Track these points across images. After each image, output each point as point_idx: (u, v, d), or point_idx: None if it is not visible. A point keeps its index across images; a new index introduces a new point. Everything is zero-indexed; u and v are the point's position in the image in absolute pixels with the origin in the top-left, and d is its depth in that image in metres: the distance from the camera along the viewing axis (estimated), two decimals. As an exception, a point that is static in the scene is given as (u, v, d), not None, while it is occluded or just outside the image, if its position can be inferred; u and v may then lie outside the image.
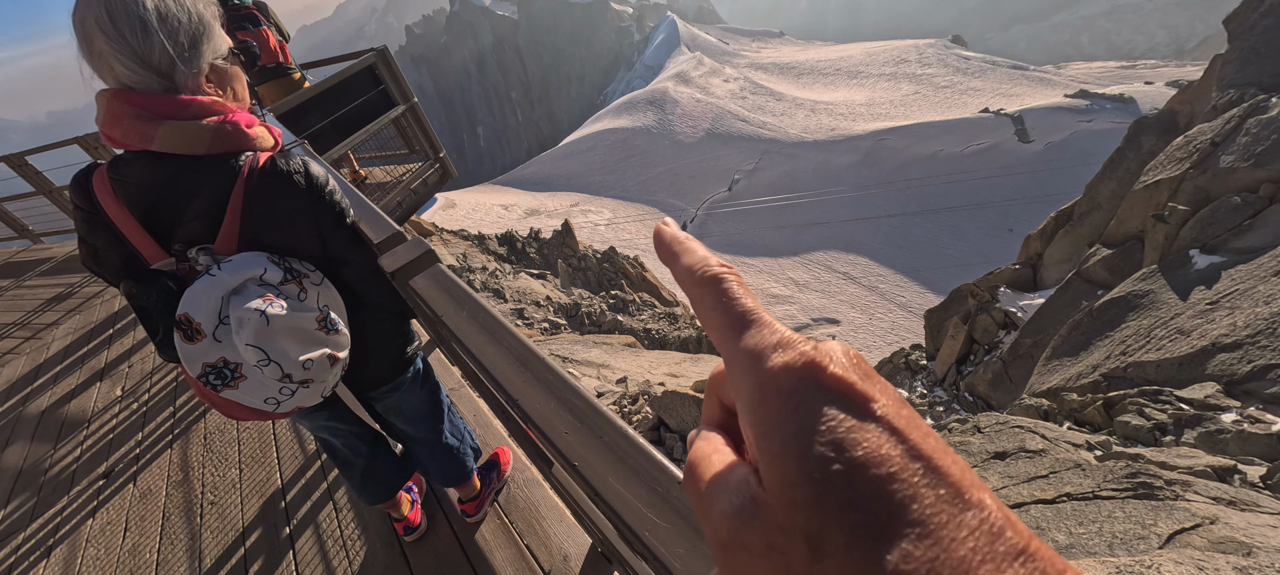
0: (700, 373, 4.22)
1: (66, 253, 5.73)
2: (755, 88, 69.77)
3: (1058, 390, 6.60)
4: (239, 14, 4.26)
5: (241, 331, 0.88)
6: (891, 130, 52.71)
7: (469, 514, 1.72)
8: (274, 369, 0.92)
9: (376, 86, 3.95)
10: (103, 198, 0.89)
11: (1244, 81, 6.24)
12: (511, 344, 0.79)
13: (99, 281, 4.74)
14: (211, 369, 0.89)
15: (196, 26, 0.87)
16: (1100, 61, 77.72)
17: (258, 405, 0.96)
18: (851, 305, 33.73)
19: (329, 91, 3.56)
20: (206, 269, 0.90)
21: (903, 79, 69.22)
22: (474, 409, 2.14)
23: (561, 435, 0.61)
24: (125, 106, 0.83)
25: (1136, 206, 6.94)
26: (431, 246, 1.09)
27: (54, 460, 2.65)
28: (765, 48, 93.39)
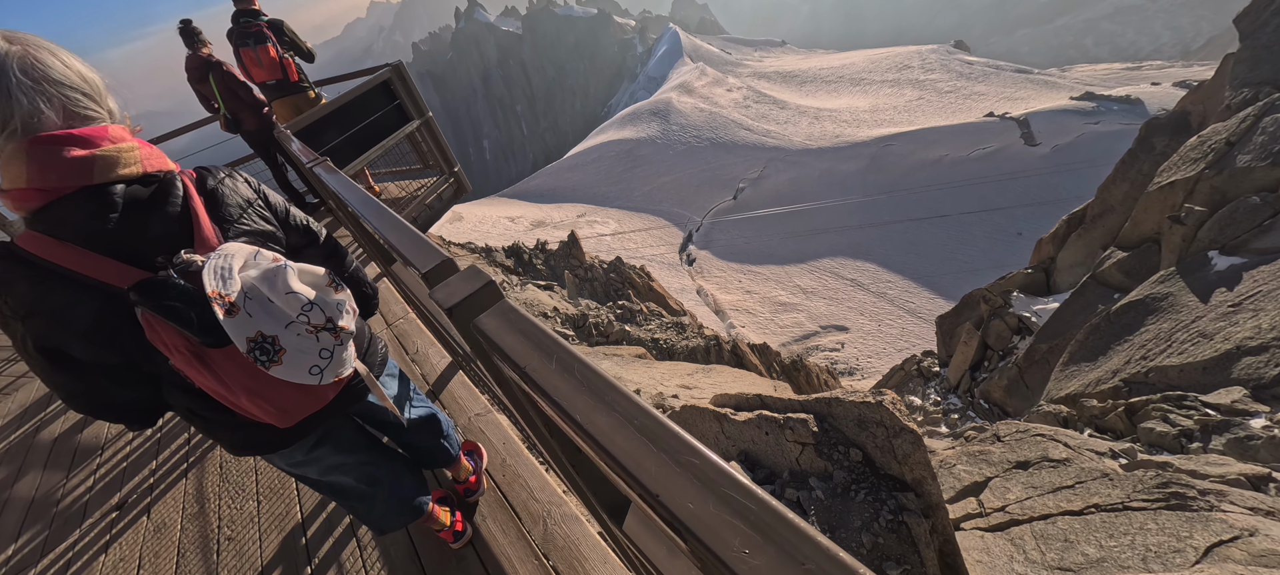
0: (713, 384, 4.18)
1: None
2: (758, 96, 70.04)
3: (1077, 396, 6.47)
4: (248, 31, 4.30)
5: (275, 283, 0.92)
6: (896, 136, 52.62)
7: (473, 490, 1.74)
8: (316, 313, 0.95)
9: (391, 102, 3.97)
10: (46, 251, 0.84)
11: (1257, 80, 6.16)
12: (629, 410, 0.62)
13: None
14: (254, 343, 0.90)
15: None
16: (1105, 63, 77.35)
17: (303, 378, 0.96)
18: (860, 312, 33.47)
19: (344, 107, 3.58)
20: (201, 264, 0.90)
21: (906, 85, 69.21)
22: (501, 435, 2.08)
23: (700, 522, 0.48)
24: (54, 149, 0.82)
25: (1151, 208, 6.84)
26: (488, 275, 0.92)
27: (67, 491, 2.63)
28: (767, 57, 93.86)
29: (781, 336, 31.11)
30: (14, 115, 0.79)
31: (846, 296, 34.77)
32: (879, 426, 2.64)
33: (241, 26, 4.37)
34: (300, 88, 4.59)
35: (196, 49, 4.30)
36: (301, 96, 4.63)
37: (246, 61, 4.38)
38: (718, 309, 34.46)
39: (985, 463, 4.05)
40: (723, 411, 3.02)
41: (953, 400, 9.80)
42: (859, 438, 2.74)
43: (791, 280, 36.96)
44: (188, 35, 4.32)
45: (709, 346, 14.55)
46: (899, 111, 62.02)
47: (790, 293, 35.62)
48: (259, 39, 4.32)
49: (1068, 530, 2.91)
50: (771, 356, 15.57)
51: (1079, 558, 2.66)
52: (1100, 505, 2.88)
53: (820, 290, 35.88)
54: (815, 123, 61.21)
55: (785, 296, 35.14)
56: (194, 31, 4.35)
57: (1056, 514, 3.08)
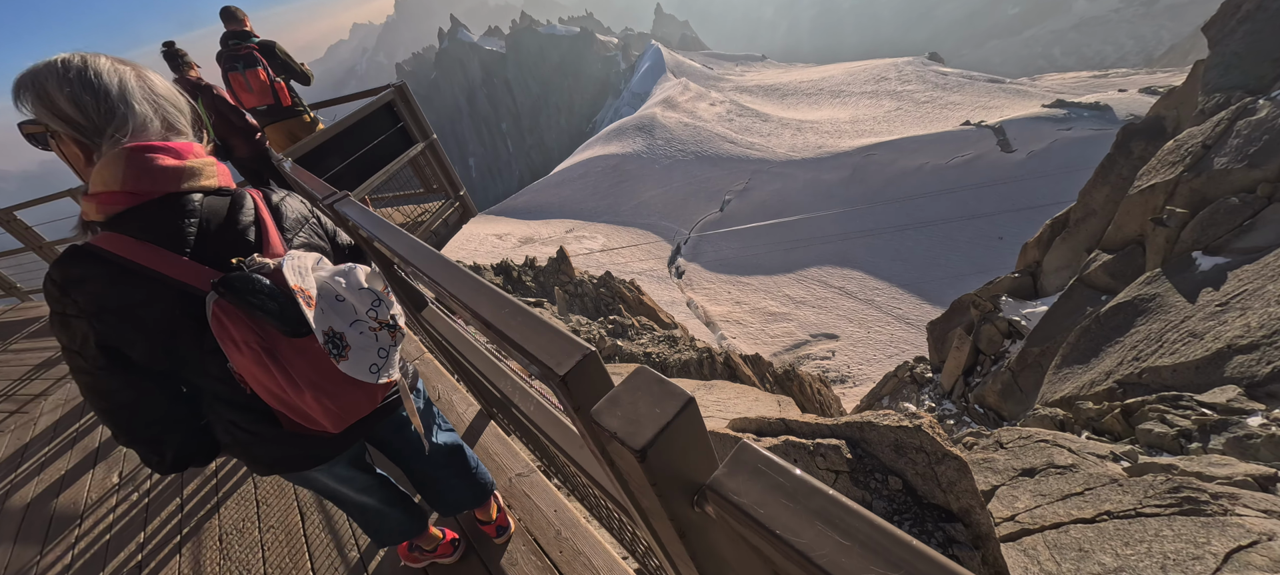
0: (717, 402, 4.09)
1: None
2: (741, 110, 71.07)
3: (1072, 399, 6.52)
4: (236, 54, 4.09)
5: (350, 279, 1.02)
6: (877, 145, 53.65)
7: (504, 528, 1.67)
8: (383, 309, 1.05)
9: (395, 124, 3.83)
10: (128, 251, 0.90)
11: (1228, 85, 6.36)
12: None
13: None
14: (328, 337, 0.98)
15: None
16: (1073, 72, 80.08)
17: (364, 375, 1.03)
18: (849, 319, 33.73)
19: (346, 132, 3.43)
20: (276, 265, 0.98)
21: (884, 96, 70.81)
22: (550, 501, 1.84)
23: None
24: (151, 156, 0.90)
25: (1133, 211, 6.99)
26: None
27: (42, 567, 2.31)
28: (748, 71, 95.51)
29: (773, 346, 31.19)
30: (128, 121, 0.89)
31: (835, 304, 35.06)
32: (919, 452, 2.57)
33: (230, 49, 4.14)
34: (295, 112, 4.39)
35: (183, 72, 4.10)
36: (296, 121, 4.42)
37: (235, 86, 4.16)
38: (708, 321, 34.48)
39: (990, 471, 4.02)
40: (743, 437, 2.92)
41: (948, 406, 9.83)
42: (897, 464, 2.64)
43: (780, 290, 37.18)
44: (172, 59, 4.11)
45: (702, 359, 14.50)
46: (878, 122, 63.32)
47: (780, 302, 35.81)
48: (249, 62, 4.10)
49: (1081, 539, 2.87)
50: (764, 367, 15.56)
51: (1095, 567, 2.62)
52: (1112, 512, 2.85)
53: (809, 299, 36.13)
54: (798, 134, 62.19)
55: (775, 306, 35.32)
56: (178, 54, 4.13)
57: (1068, 522, 3.05)
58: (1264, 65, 6.04)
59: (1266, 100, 5.73)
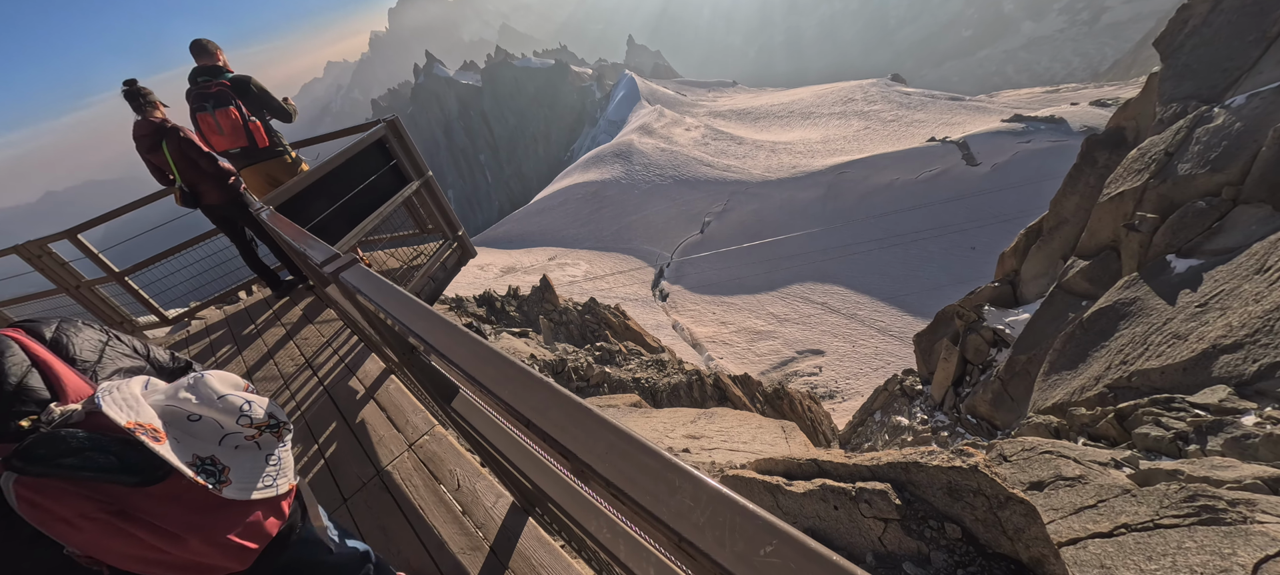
0: (721, 431, 3.97)
1: None
2: (716, 134, 72.60)
3: (1064, 405, 6.57)
4: (206, 93, 3.68)
5: (199, 393, 0.85)
6: (849, 164, 55.20)
7: None
8: (256, 408, 0.89)
9: (387, 162, 3.60)
10: None
11: (1183, 95, 6.68)
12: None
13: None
14: (198, 466, 0.81)
15: None
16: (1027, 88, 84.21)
17: (259, 493, 0.86)
18: (833, 334, 34.05)
19: (332, 173, 3.12)
20: (87, 407, 0.77)
21: (852, 116, 73.29)
22: None
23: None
24: None
25: (1105, 218, 7.20)
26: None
27: None
28: (721, 96, 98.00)
29: (760, 365, 31.22)
30: None
31: (819, 320, 35.40)
32: (977, 496, 2.41)
33: (199, 87, 3.73)
34: (275, 153, 4.02)
35: (146, 113, 3.70)
36: (276, 163, 4.04)
37: (204, 128, 3.76)
38: (695, 342, 34.41)
39: (999, 486, 3.96)
40: (773, 481, 2.74)
41: (940, 417, 9.85)
42: (953, 510, 2.41)
43: (764, 308, 37.44)
44: (134, 98, 3.71)
45: (691, 382, 14.35)
46: (848, 141, 65.34)
47: (764, 321, 36.02)
48: (220, 101, 3.70)
49: (1102, 554, 2.80)
50: (754, 387, 15.48)
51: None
52: (1130, 525, 2.80)
53: (793, 316, 36.44)
54: (772, 155, 63.67)
55: (760, 325, 35.49)
56: (141, 93, 3.74)
57: (1085, 537, 2.99)
58: (1215, 75, 6.36)
59: (1221, 108, 6.01)
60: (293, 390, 3.29)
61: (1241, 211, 5.48)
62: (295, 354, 3.66)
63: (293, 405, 3.12)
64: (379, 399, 2.93)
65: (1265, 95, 5.61)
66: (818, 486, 2.72)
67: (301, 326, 4.02)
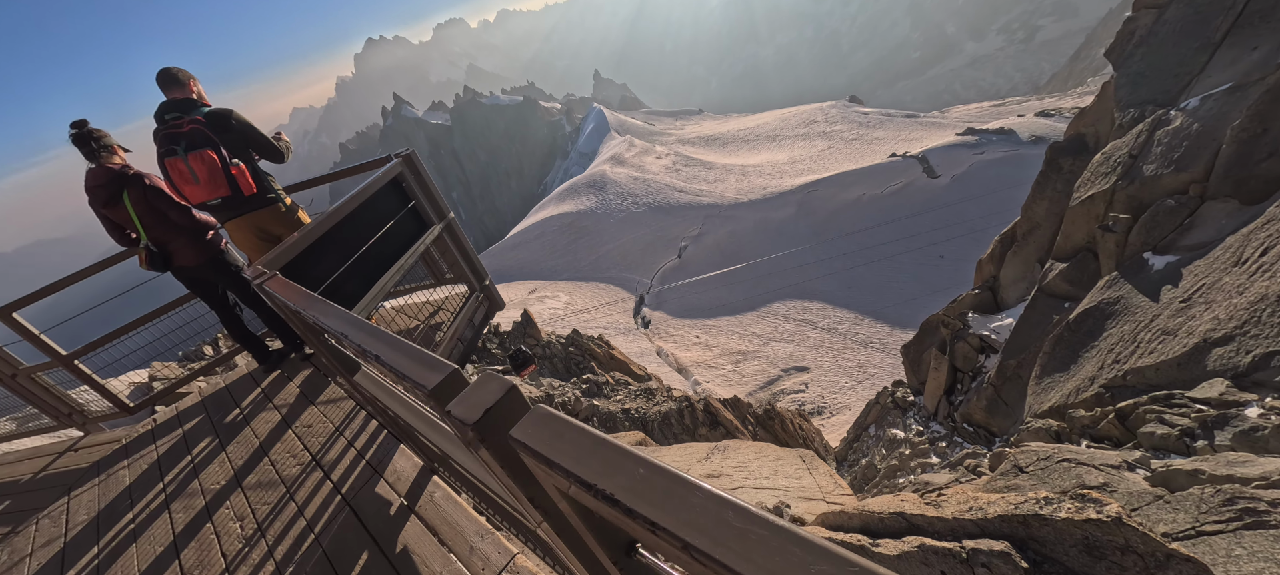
0: (739, 466, 3.75)
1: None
2: (686, 160, 74.03)
3: (1062, 408, 6.61)
4: (175, 133, 3.01)
5: None
6: (817, 182, 56.81)
7: None
8: None
9: (405, 204, 3.05)
10: None
11: (1139, 100, 7.01)
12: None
13: None
14: None
15: None
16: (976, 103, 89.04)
17: None
18: (816, 350, 34.31)
19: (342, 223, 2.54)
20: None
21: (815, 137, 75.91)
22: None
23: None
24: None
25: (1078, 221, 7.43)
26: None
27: None
28: (688, 124, 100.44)
29: (746, 386, 31.11)
30: None
31: (801, 337, 35.69)
32: (1127, 554, 1.94)
33: (167, 127, 3.00)
34: (266, 201, 3.31)
35: (101, 159, 3.11)
36: (268, 213, 3.34)
37: (175, 177, 3.06)
38: (680, 367, 34.16)
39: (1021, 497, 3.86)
40: (853, 540, 2.46)
41: (935, 428, 9.84)
42: (1095, 572, 2.06)
43: (746, 328, 37.60)
44: (85, 142, 3.07)
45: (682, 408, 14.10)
46: (814, 160, 67.46)
47: (747, 341, 36.11)
48: (193, 143, 2.97)
49: (1145, 567, 2.70)
50: (744, 409, 15.30)
51: (1172, 599, 2.44)
52: (1171, 534, 2.72)
53: (775, 334, 36.66)
54: (742, 178, 65.11)
55: (743, 345, 35.55)
56: (92, 136, 3.08)
57: (1124, 549, 2.89)
58: (1167, 80, 6.72)
59: (1177, 110, 6.32)
60: (300, 502, 2.54)
61: (1210, 207, 5.69)
62: (296, 447, 2.95)
63: (302, 525, 2.37)
64: (423, 514, 2.18)
65: (1218, 97, 5.93)
66: (915, 547, 2.36)
67: (301, 409, 3.30)
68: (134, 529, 2.82)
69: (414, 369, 0.97)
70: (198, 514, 2.72)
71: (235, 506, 2.67)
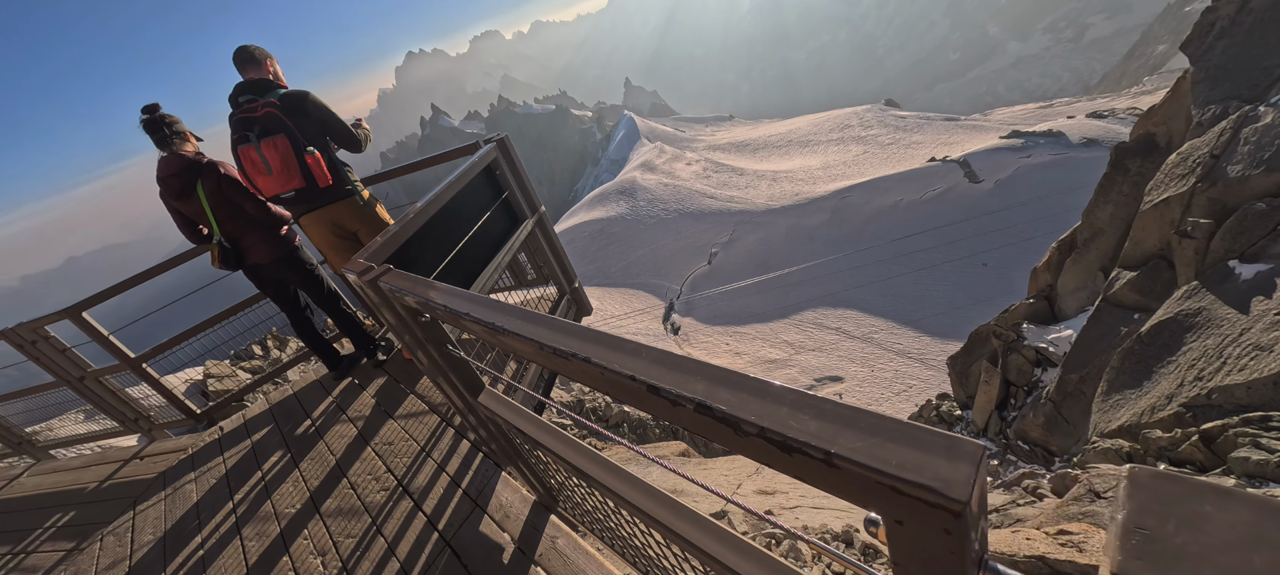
0: (791, 482, 3.53)
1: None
2: (717, 166, 73.57)
3: (1134, 427, 6.11)
4: (249, 119, 2.73)
5: None
6: (851, 188, 55.46)
7: None
8: None
9: (497, 195, 2.71)
10: None
11: (1221, 97, 6.48)
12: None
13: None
14: None
15: None
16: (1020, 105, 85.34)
17: None
18: (851, 360, 33.34)
19: (438, 217, 2.17)
20: None
21: (850, 142, 74.22)
22: None
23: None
24: None
25: (1149, 226, 6.90)
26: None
27: None
28: (718, 130, 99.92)
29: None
30: None
31: (834, 346, 34.77)
32: None
33: (242, 110, 2.74)
34: (343, 193, 2.98)
35: (173, 147, 2.85)
36: (345, 206, 3.00)
37: (248, 167, 2.79)
38: (709, 376, 33.79)
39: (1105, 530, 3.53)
40: None
41: (986, 444, 9.30)
42: None
43: (778, 336, 36.90)
44: (156, 128, 2.79)
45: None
46: (849, 166, 65.93)
47: (779, 349, 35.42)
48: (267, 128, 2.67)
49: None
50: (779, 420, 14.90)
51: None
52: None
53: (808, 343, 35.84)
54: (774, 184, 64.22)
55: (774, 353, 34.89)
56: (164, 121, 2.80)
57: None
58: (1255, 74, 6.18)
59: (1267, 107, 5.79)
60: (389, 537, 2.17)
61: (1308, 211, 5.17)
62: (378, 469, 2.61)
63: (395, 568, 2.03)
64: (548, 566, 1.79)
65: (1316, 90, 5.40)
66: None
67: (379, 423, 2.98)
68: (203, 555, 2.57)
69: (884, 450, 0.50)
70: (272, 543, 2.44)
71: (314, 537, 2.36)
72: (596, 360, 0.78)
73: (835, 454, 0.47)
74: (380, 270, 1.38)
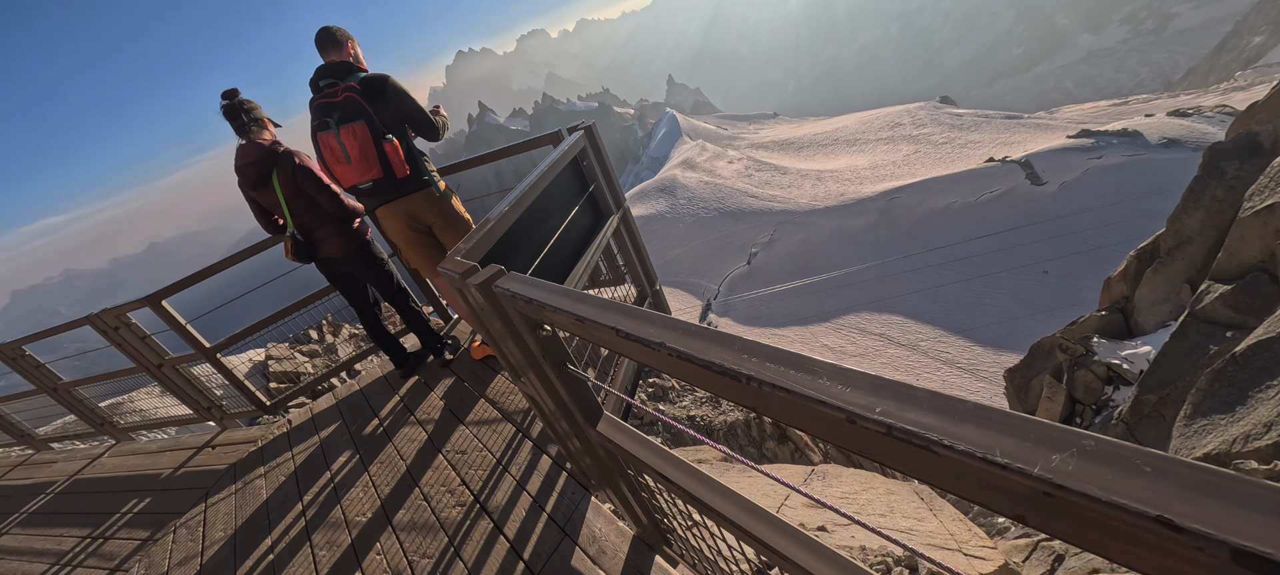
0: (842, 498, 3.37)
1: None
2: (759, 165, 72.31)
3: (1224, 456, 5.55)
4: (330, 102, 2.55)
5: None
6: (901, 188, 53.29)
7: None
8: None
9: (584, 189, 2.48)
10: None
11: (1342, 91, 5.76)
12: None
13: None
14: None
15: None
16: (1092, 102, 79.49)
17: None
18: (894, 367, 32.08)
19: (528, 212, 1.92)
20: None
21: (900, 141, 71.28)
22: None
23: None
24: None
25: (1250, 235, 6.23)
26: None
27: None
28: (762, 128, 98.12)
29: (817, 402, 29.71)
30: None
31: (878, 352, 33.53)
32: None
33: (321, 95, 2.57)
34: (421, 184, 2.76)
35: (252, 134, 2.78)
36: (421, 198, 2.77)
37: (327, 155, 2.63)
38: (746, 378, 33.33)
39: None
40: None
41: (1047, 466, 8.71)
42: None
43: (818, 341, 35.91)
44: (235, 113, 2.74)
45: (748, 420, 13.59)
46: (898, 166, 63.36)
47: (819, 354, 34.40)
48: (347, 114, 2.51)
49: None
50: (818, 427, 14.47)
51: None
52: None
53: (849, 348, 34.72)
54: (818, 184, 62.53)
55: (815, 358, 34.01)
56: (243, 107, 2.75)
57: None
58: (1387, 65, 5.46)
59: (1402, 102, 5.10)
60: (469, 561, 1.98)
61: None
62: (452, 480, 2.42)
63: None
64: None
65: None
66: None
67: (449, 428, 2.81)
68: (273, 559, 2.47)
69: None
70: (344, 555, 2.29)
71: (388, 554, 2.18)
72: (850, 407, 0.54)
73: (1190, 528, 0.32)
74: (491, 272, 1.15)
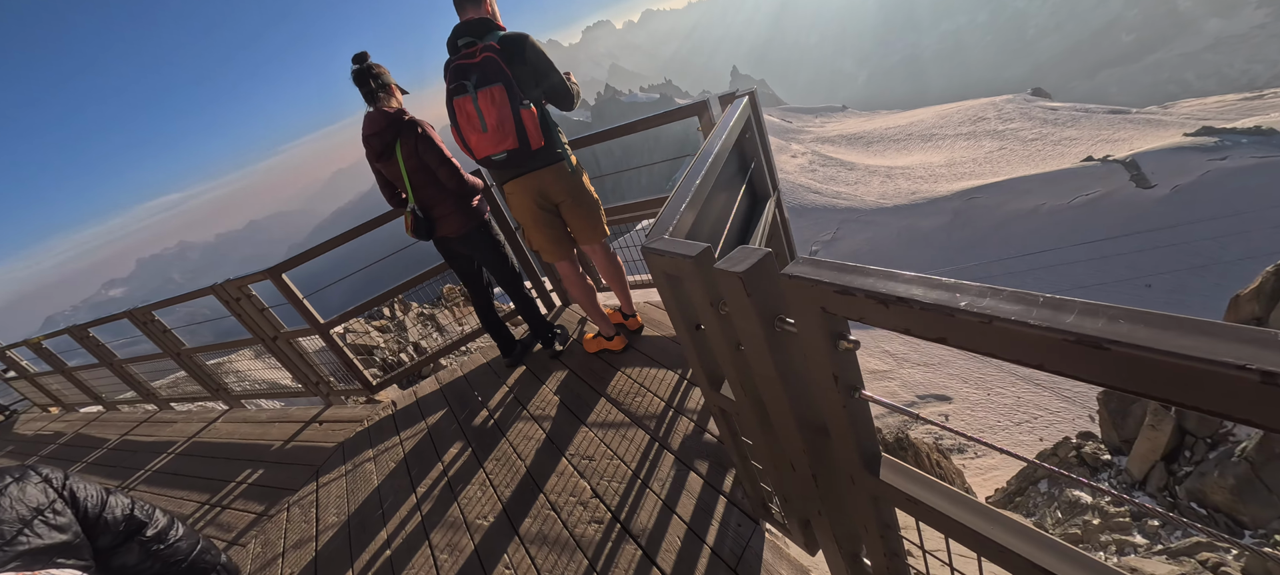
0: None
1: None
2: (824, 160, 69.50)
3: (1381, 511, 4.73)
4: (467, 63, 2.32)
5: None
6: (980, 188, 49.51)
7: None
8: None
9: (744, 169, 2.26)
10: None
11: None
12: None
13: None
14: None
15: None
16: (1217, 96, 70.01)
17: None
18: (962, 379, 30.01)
19: (703, 187, 1.54)
20: None
21: (983, 137, 66.08)
22: None
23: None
24: None
25: None
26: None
27: None
28: (829, 122, 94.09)
29: (874, 408, 28.37)
30: None
31: (945, 361, 31.46)
32: None
33: (459, 56, 2.33)
34: (554, 157, 2.54)
35: (380, 102, 2.58)
36: (552, 172, 2.55)
37: (462, 122, 2.37)
38: (799, 379, 32.35)
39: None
40: None
41: (1143, 499, 7.81)
42: None
43: (878, 346, 34.17)
44: (363, 78, 2.56)
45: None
46: (979, 164, 58.83)
47: (879, 359, 32.84)
48: (485, 77, 2.26)
49: None
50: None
51: None
52: None
53: (912, 356, 32.81)
54: (887, 181, 59.30)
55: (874, 363, 32.41)
56: (372, 73, 2.57)
57: None
58: None
59: None
60: None
61: None
62: (581, 490, 2.15)
63: None
64: None
65: None
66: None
67: (570, 429, 2.53)
68: (391, 557, 2.29)
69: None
70: (468, 562, 2.07)
71: (519, 570, 1.94)
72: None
73: None
74: (754, 254, 0.89)
